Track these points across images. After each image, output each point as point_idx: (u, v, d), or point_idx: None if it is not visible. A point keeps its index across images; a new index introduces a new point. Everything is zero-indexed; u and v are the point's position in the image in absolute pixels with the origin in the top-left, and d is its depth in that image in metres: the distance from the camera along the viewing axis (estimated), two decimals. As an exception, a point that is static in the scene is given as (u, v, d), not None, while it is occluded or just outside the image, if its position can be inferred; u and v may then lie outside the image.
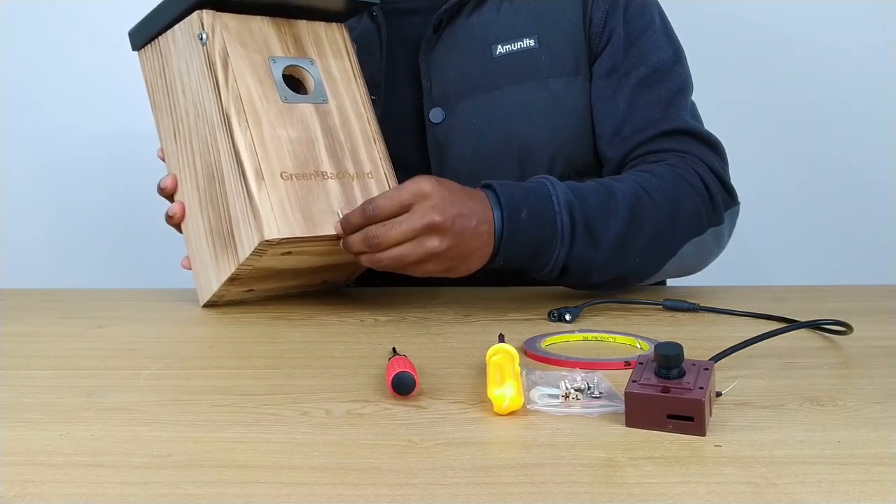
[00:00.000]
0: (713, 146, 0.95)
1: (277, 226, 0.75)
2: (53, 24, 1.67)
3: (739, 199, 0.94)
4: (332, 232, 0.78)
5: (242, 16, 0.82)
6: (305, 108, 0.82)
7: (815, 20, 1.63)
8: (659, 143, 0.93)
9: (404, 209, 0.74)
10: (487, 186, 0.80)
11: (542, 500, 0.41)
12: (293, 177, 0.78)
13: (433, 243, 0.74)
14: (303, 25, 0.86)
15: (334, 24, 0.88)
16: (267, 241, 0.74)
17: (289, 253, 0.78)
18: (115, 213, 1.68)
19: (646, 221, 0.84)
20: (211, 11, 0.79)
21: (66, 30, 1.66)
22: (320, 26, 0.87)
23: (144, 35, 0.85)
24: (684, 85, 0.97)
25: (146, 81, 0.87)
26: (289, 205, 0.77)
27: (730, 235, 0.94)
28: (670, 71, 0.97)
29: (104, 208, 1.68)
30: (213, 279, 0.82)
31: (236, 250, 0.78)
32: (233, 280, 0.80)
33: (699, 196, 0.88)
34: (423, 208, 0.74)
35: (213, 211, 0.81)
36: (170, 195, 0.86)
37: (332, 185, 0.80)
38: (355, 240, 0.76)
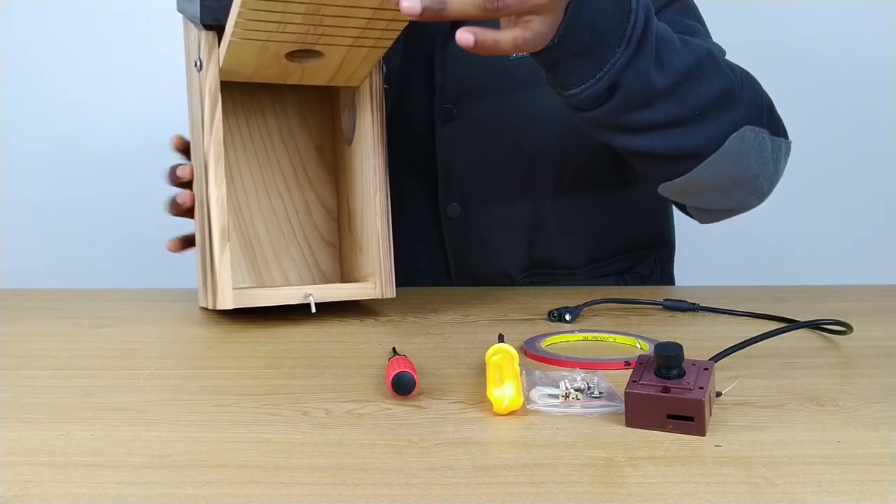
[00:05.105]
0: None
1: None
2: (54, 23, 1.67)
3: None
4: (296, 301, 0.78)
5: None
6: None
7: (818, 19, 1.63)
8: None
9: None
10: None
11: (542, 500, 0.41)
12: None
13: None
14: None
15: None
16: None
17: None
18: (116, 213, 1.68)
19: (714, 76, 0.76)
20: (212, 35, 0.74)
21: (67, 28, 1.66)
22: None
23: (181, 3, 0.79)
24: (721, 49, 0.92)
25: (184, 44, 0.83)
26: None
27: (784, 165, 0.87)
28: (707, 35, 0.92)
29: (104, 208, 1.68)
30: (201, 296, 0.81)
31: (207, 293, 0.78)
32: None
33: (763, 97, 0.83)
34: None
35: (200, 237, 0.80)
36: (181, 185, 0.82)
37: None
38: None
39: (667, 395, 0.49)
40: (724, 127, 0.78)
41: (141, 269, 1.50)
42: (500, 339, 0.63)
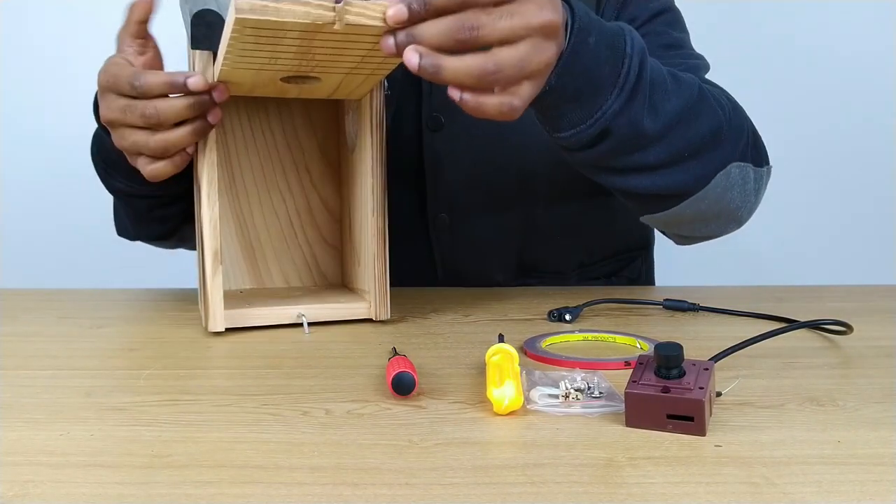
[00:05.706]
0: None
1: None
2: (56, 22, 1.67)
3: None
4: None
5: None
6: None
7: (814, 18, 1.63)
8: None
9: None
10: None
11: (542, 500, 0.41)
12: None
13: (550, 51, 0.60)
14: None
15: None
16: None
17: None
18: (115, 213, 1.68)
19: (704, 115, 0.76)
20: (206, 55, 0.72)
21: (66, 28, 1.66)
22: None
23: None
24: (705, 64, 0.93)
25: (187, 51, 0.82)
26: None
27: (764, 192, 0.88)
28: (692, 48, 0.94)
29: (105, 208, 1.68)
30: (201, 298, 0.81)
31: (201, 308, 0.77)
32: None
33: (748, 129, 0.83)
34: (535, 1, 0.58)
35: (197, 253, 0.80)
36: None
37: None
38: (438, 28, 0.56)
39: (667, 395, 0.49)
40: (712, 165, 0.78)
41: (141, 269, 1.50)
42: (500, 339, 0.63)
